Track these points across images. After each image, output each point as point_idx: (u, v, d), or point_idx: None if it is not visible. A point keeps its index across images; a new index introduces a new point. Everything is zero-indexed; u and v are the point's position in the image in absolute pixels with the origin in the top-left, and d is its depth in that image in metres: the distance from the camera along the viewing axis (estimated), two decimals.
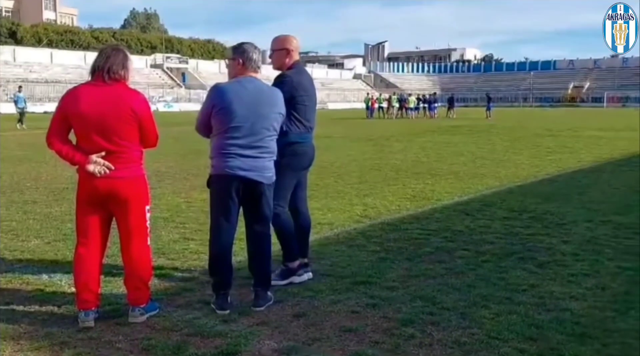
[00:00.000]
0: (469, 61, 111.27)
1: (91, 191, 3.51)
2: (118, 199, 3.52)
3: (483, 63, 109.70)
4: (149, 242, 3.69)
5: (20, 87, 28.13)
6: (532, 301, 3.92)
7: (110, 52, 3.55)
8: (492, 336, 3.34)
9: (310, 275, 4.37)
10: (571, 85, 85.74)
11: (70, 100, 3.50)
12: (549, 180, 9.82)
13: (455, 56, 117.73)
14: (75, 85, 3.70)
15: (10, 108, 39.96)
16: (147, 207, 3.66)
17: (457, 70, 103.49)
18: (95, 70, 3.51)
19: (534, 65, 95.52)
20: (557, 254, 5.08)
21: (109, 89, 3.46)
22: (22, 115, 23.98)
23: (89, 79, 3.54)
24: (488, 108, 39.78)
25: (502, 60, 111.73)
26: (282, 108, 3.91)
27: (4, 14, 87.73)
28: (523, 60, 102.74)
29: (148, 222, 3.66)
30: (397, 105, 42.98)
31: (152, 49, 78.34)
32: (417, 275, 4.49)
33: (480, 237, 5.72)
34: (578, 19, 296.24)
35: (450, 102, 42.77)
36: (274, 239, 4.11)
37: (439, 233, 5.89)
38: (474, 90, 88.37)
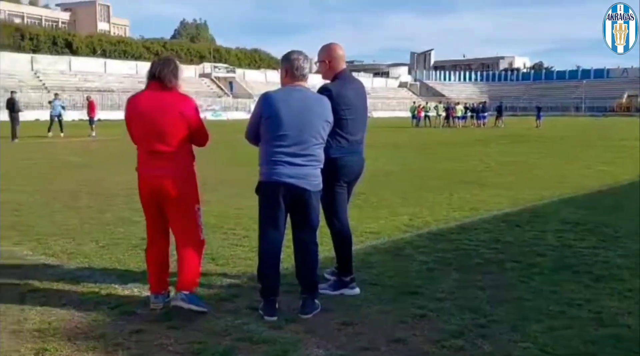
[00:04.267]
0: (517, 69, 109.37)
1: (146, 188, 3.85)
2: (168, 196, 3.80)
3: (533, 71, 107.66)
4: (201, 237, 3.96)
5: (56, 94, 28.83)
6: (587, 316, 3.80)
7: (163, 62, 3.89)
8: (545, 351, 3.25)
9: (358, 290, 4.30)
10: (625, 94, 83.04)
11: (130, 107, 3.90)
12: (603, 192, 9.53)
13: (503, 64, 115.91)
14: (133, 93, 4.03)
15: (70, 116, 41.43)
16: (197, 206, 3.93)
17: (505, 79, 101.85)
18: (151, 78, 3.83)
19: (586, 74, 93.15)
20: (613, 268, 4.92)
21: (162, 96, 3.79)
22: (59, 122, 24.48)
23: (145, 87, 3.88)
24: (538, 117, 38.99)
25: (553, 68, 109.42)
26: (330, 117, 3.90)
27: (60, 25, 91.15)
28: (574, 68, 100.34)
29: (199, 219, 3.93)
30: (443, 113, 42.53)
31: (201, 58, 79.89)
32: (467, 287, 4.42)
33: (531, 249, 5.59)
34: None
35: (499, 111, 42.04)
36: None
37: (488, 244, 5.79)
38: (523, 98, 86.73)
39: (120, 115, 51.25)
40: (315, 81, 4.03)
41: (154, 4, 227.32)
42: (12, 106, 21.96)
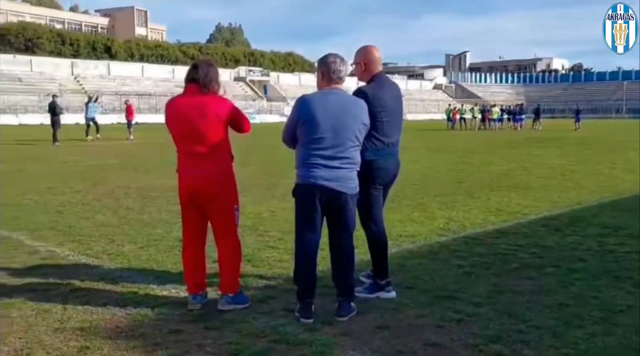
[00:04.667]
0: (556, 71, 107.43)
1: (187, 189, 3.92)
2: (209, 196, 3.89)
3: (571, 73, 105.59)
4: (238, 237, 4.06)
5: (90, 97, 29.35)
6: (630, 322, 3.71)
7: (203, 66, 3.95)
8: None
9: (394, 294, 4.29)
10: None
11: (169, 110, 3.98)
12: None
13: (541, 66, 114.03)
14: (171, 96, 4.13)
15: (108, 119, 42.31)
16: (236, 206, 4.02)
17: (543, 81, 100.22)
18: (190, 82, 3.91)
19: (627, 75, 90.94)
20: None
21: (200, 99, 3.86)
22: (95, 125, 24.92)
23: (184, 89, 3.96)
24: (577, 120, 38.22)
25: (593, 70, 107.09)
26: (366, 119, 3.90)
27: (99, 30, 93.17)
28: (615, 69, 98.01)
29: (237, 220, 4.03)
30: (479, 116, 41.99)
31: (236, 62, 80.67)
32: (505, 291, 4.36)
33: (571, 254, 5.48)
34: None
35: (537, 113, 41.36)
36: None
37: (526, 248, 5.69)
38: (561, 101, 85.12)
39: (157, 118, 51.92)
40: (350, 84, 4.03)
41: (191, 9, 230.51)
42: (54, 109, 22.53)
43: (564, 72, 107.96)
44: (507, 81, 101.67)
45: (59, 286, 4.47)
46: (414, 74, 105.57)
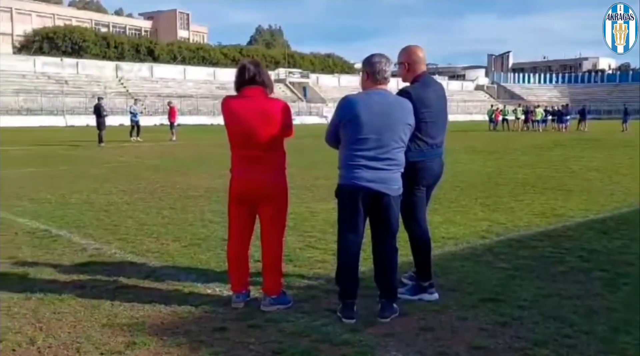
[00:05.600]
0: (602, 71, 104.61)
1: (241, 190, 3.97)
2: (265, 198, 3.94)
3: (618, 72, 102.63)
4: (283, 239, 4.13)
5: (136, 100, 30.04)
6: None
7: (262, 67, 4.01)
8: None
9: (437, 296, 4.24)
10: None
11: (226, 111, 3.99)
12: None
13: (586, 66, 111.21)
14: (229, 96, 4.09)
15: (152, 121, 43.14)
16: (287, 209, 4.09)
17: (589, 81, 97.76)
18: (245, 83, 3.92)
19: None
20: None
21: (265, 102, 3.90)
22: (137, 127, 25.49)
23: (239, 91, 3.95)
24: (624, 121, 37.13)
25: None
26: (411, 120, 3.87)
27: (143, 33, 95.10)
28: None
29: (286, 222, 4.12)
30: (522, 117, 41.21)
31: (276, 64, 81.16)
32: (551, 295, 4.27)
33: (619, 258, 5.34)
34: None
35: (582, 114, 40.35)
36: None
37: (572, 252, 5.57)
38: (608, 101, 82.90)
39: (198, 119, 52.72)
40: (393, 84, 4.01)
41: (232, 11, 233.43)
42: (99, 111, 23.11)
43: (610, 71, 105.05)
44: (551, 81, 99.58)
45: (106, 283, 4.59)
46: (455, 75, 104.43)
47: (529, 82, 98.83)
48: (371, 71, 3.85)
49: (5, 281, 4.60)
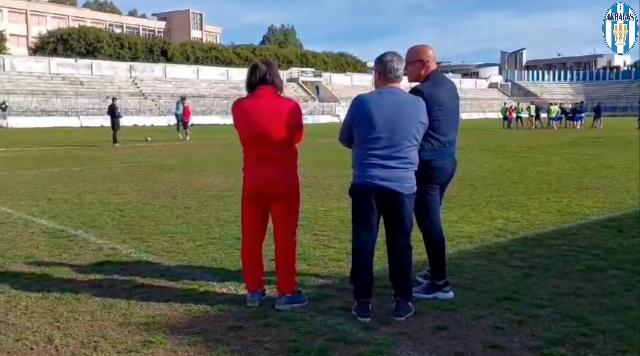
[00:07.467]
0: (617, 68, 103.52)
1: (253, 189, 3.97)
2: (277, 197, 3.94)
3: (634, 69, 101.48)
4: (296, 237, 4.11)
5: (182, 98, 29.76)
6: None
7: (274, 67, 4.03)
8: None
9: (452, 294, 4.23)
10: None
11: (237, 111, 3.99)
12: None
13: (601, 63, 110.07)
14: (241, 98, 4.11)
15: (165, 120, 43.34)
16: (299, 208, 4.10)
17: (604, 78, 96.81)
18: (257, 83, 3.93)
19: None
20: None
21: (276, 102, 3.91)
22: (183, 124, 26.00)
23: (250, 91, 3.96)
24: None
25: None
26: (424, 118, 3.86)
27: (156, 34, 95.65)
28: None
29: (299, 221, 4.12)
30: (535, 114, 40.89)
31: (289, 63, 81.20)
32: (567, 294, 4.25)
33: (635, 256, 5.29)
34: None
35: (597, 112, 39.99)
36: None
37: (588, 250, 5.53)
38: (623, 98, 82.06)
39: (211, 119, 52.84)
40: (405, 83, 3.99)
41: (245, 11, 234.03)
42: (113, 112, 23.27)
43: (625, 68, 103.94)
44: (565, 79, 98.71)
45: (122, 282, 4.63)
46: (468, 73, 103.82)
47: (543, 79, 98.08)
48: (383, 70, 3.85)
49: (22, 281, 4.66)
